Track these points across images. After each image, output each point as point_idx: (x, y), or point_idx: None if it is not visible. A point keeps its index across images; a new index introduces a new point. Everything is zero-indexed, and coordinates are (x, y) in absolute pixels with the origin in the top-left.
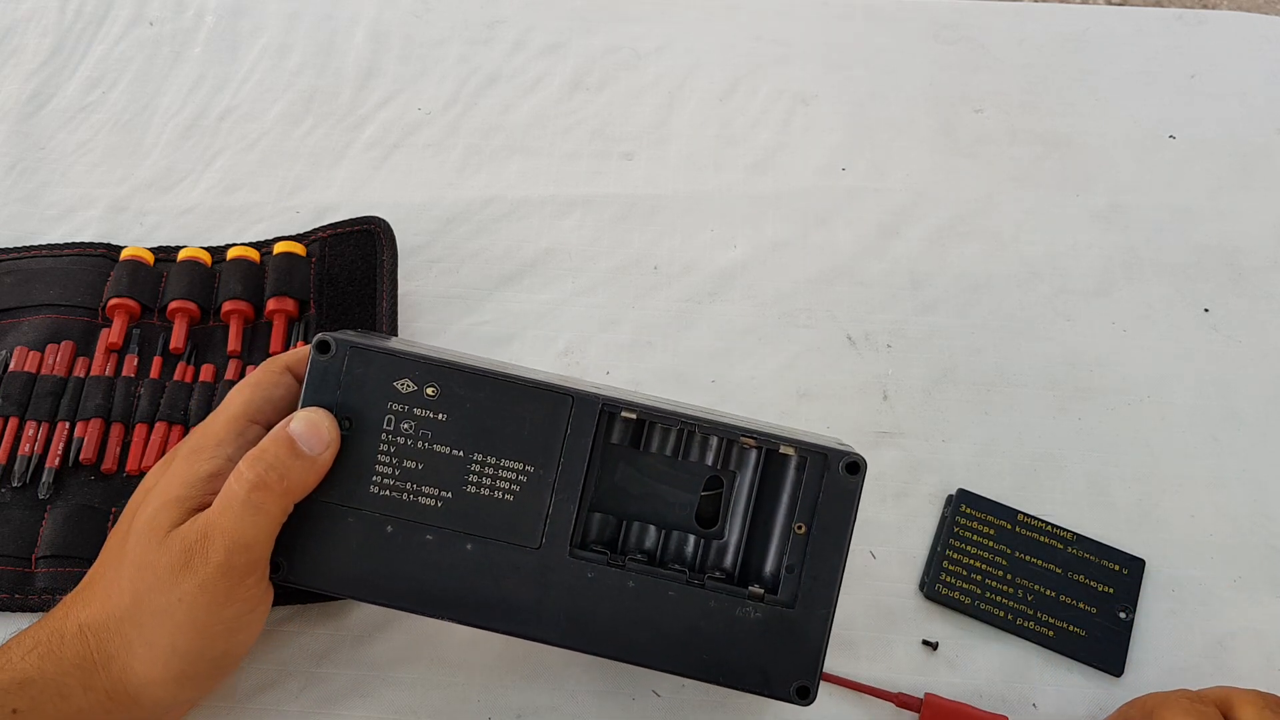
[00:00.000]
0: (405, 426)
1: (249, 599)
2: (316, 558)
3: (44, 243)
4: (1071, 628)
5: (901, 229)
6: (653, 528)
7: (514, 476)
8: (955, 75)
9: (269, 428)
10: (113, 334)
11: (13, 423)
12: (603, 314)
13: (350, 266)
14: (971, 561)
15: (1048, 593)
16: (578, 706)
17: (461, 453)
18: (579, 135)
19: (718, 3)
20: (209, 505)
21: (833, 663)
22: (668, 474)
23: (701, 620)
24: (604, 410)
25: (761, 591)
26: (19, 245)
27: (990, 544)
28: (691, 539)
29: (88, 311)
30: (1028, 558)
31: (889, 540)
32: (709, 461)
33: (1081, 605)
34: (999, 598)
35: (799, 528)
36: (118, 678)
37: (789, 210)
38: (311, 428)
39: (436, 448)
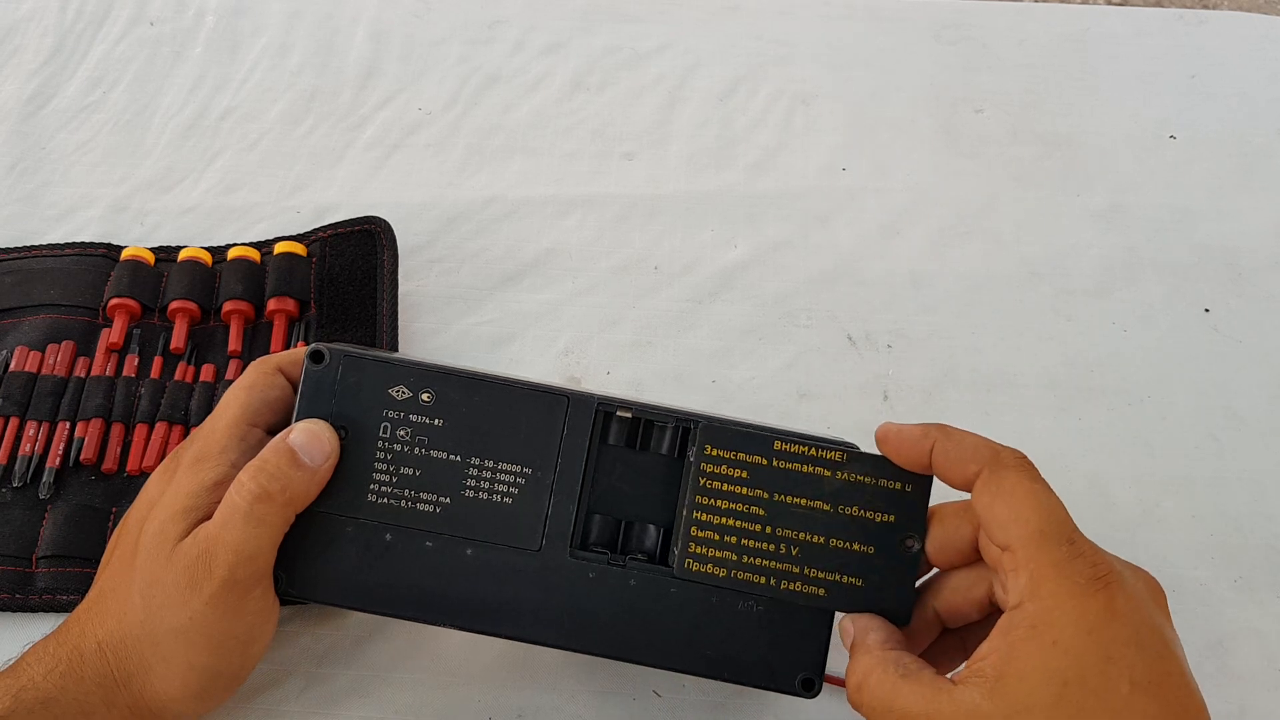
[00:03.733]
0: (401, 434)
1: (258, 610)
2: (316, 569)
3: (44, 242)
4: (846, 578)
5: (902, 229)
6: (652, 527)
7: (512, 479)
8: (956, 75)
9: (268, 431)
10: (113, 334)
11: (13, 423)
12: (603, 314)
13: (351, 266)
14: (724, 520)
15: (815, 539)
16: (578, 706)
17: (459, 458)
18: (580, 135)
19: (718, 3)
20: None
21: (834, 664)
22: (666, 473)
23: (704, 616)
24: (600, 410)
25: None
26: (19, 245)
27: (743, 491)
28: None
29: (88, 311)
30: (789, 499)
31: None
32: None
33: (856, 547)
34: (758, 559)
35: None
36: (138, 695)
37: (789, 210)
38: (312, 438)
39: (433, 454)
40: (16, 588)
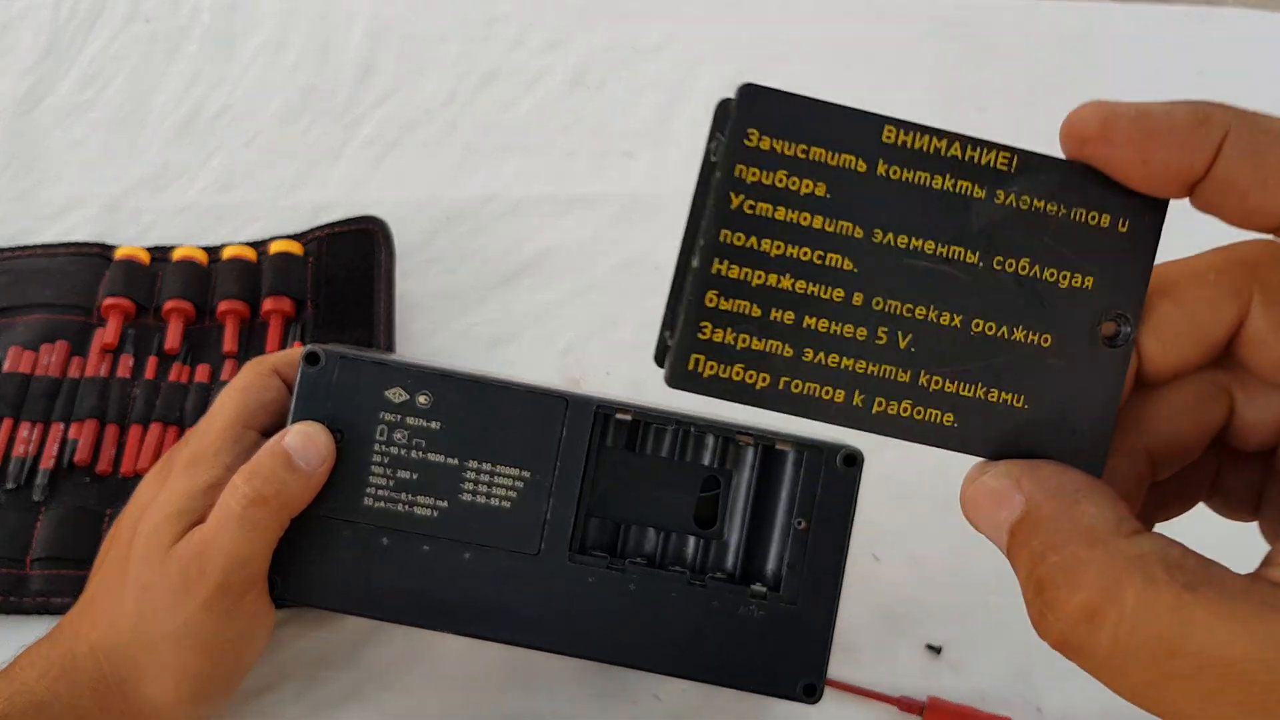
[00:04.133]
0: (398, 436)
1: (252, 615)
2: (311, 573)
3: (38, 242)
4: (997, 394)
5: None
6: (651, 530)
7: (510, 483)
8: (960, 73)
9: (263, 432)
10: (107, 334)
11: (7, 424)
12: (603, 313)
13: (348, 266)
14: (771, 279)
15: (946, 319)
16: (578, 711)
17: (456, 461)
18: (579, 133)
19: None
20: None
21: (835, 668)
22: (665, 475)
23: (704, 621)
24: (599, 412)
25: (764, 590)
26: (13, 245)
27: (817, 223)
28: (691, 540)
29: (82, 311)
30: (902, 241)
31: (892, 543)
32: (706, 461)
33: (1021, 335)
34: (830, 356)
35: (799, 524)
36: (132, 700)
37: None
38: (307, 441)
39: (431, 456)
40: (10, 590)
